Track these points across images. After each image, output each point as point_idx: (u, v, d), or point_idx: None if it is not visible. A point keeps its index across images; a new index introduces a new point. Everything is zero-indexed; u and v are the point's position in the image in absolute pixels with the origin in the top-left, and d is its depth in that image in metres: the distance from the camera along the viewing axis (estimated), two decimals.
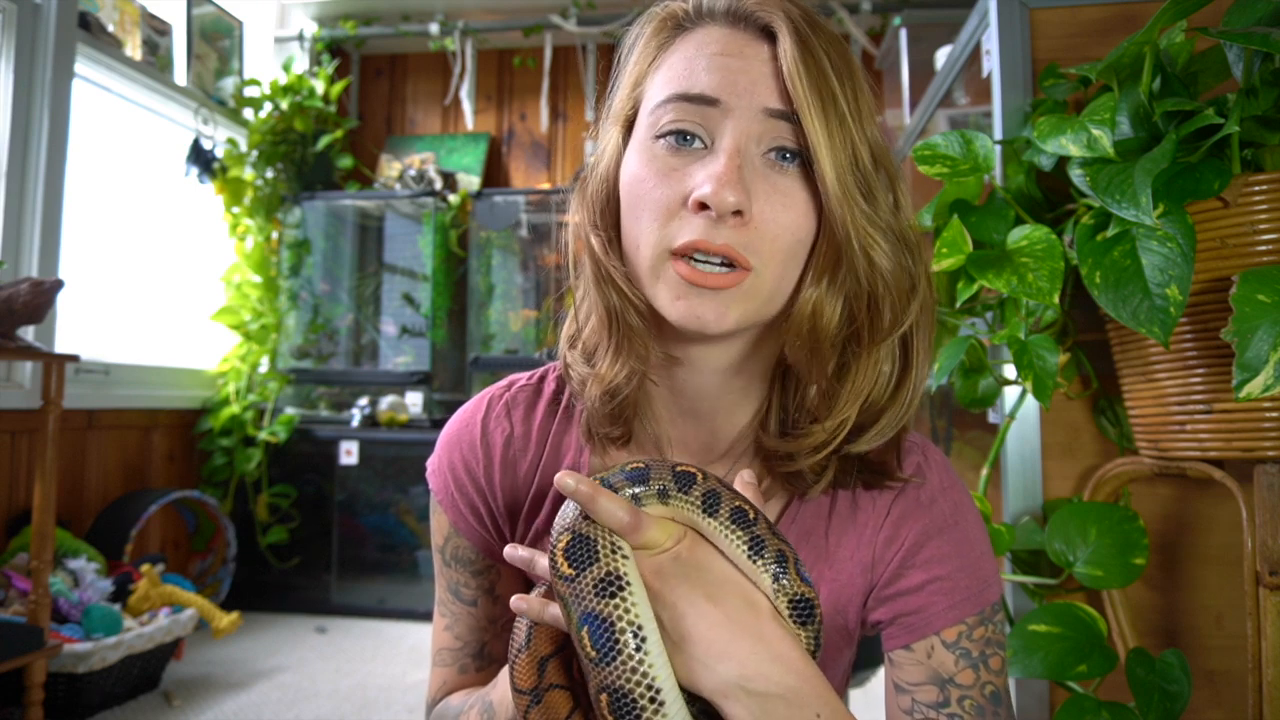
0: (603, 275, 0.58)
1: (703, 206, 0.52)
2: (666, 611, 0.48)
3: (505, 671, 0.57)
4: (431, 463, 0.70)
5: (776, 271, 0.54)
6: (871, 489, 0.63)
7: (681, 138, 0.55)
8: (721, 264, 0.53)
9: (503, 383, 0.71)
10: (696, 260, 0.53)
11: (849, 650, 0.66)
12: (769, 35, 0.55)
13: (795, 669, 0.48)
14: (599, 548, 0.48)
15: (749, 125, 0.53)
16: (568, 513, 0.50)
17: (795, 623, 0.50)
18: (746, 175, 0.53)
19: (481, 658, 0.70)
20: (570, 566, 0.47)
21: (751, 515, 0.50)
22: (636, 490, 0.50)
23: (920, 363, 0.60)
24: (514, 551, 0.55)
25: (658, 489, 0.51)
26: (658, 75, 0.57)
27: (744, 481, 0.55)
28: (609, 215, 0.59)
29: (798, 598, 0.50)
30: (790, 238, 0.54)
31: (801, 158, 0.54)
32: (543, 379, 0.70)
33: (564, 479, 0.48)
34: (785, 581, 0.50)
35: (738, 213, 0.52)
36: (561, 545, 0.48)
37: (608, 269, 0.58)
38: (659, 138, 0.55)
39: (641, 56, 0.59)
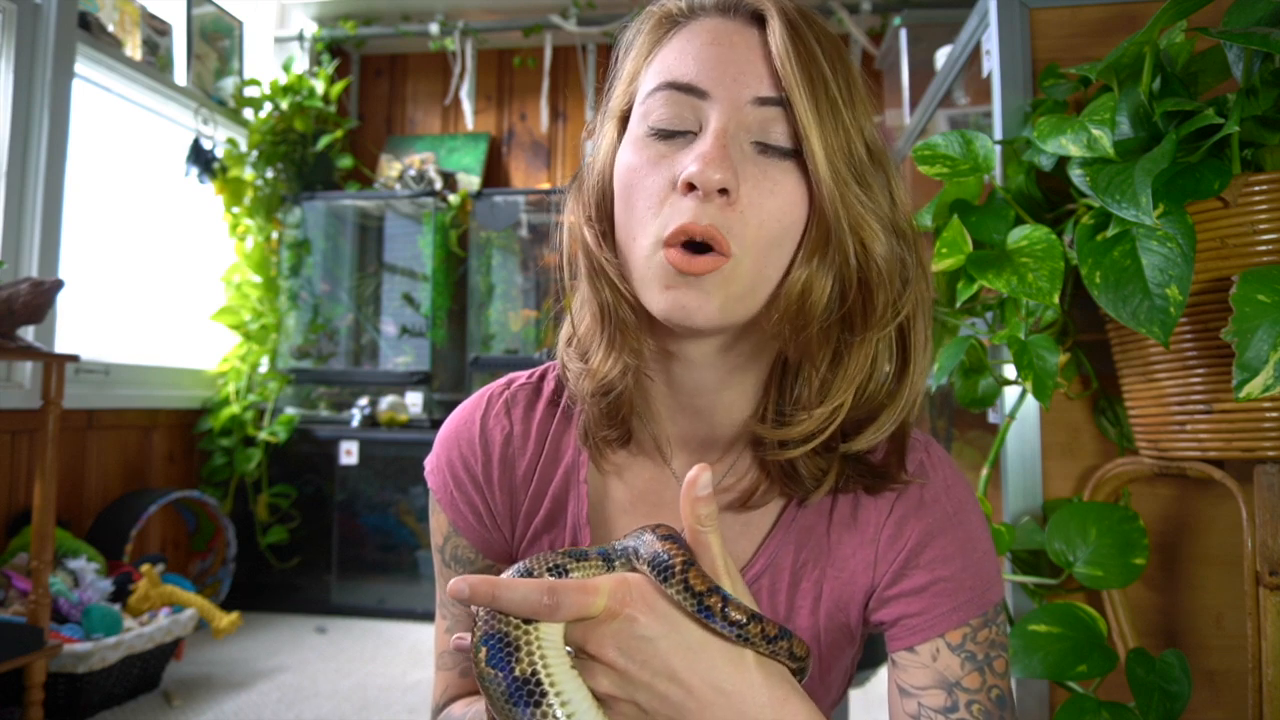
0: (595, 269, 0.58)
1: (690, 187, 0.52)
2: (644, 694, 0.44)
3: None
4: (430, 461, 0.70)
5: (758, 260, 0.53)
6: (873, 494, 0.62)
7: (670, 126, 0.55)
8: (705, 248, 0.52)
9: (501, 381, 0.70)
10: (686, 248, 0.52)
11: (851, 649, 0.66)
12: (759, 21, 0.55)
13: None
14: None
15: (736, 112, 0.53)
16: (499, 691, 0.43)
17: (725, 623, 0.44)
18: (734, 157, 0.52)
19: None
20: None
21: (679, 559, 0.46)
22: (563, 562, 0.48)
23: (919, 359, 0.59)
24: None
25: (597, 551, 0.49)
26: (650, 69, 0.57)
27: (696, 480, 0.47)
28: (604, 210, 0.59)
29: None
30: (776, 225, 0.53)
31: (791, 145, 0.54)
32: (542, 377, 0.70)
33: (457, 586, 0.43)
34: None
35: (724, 192, 0.51)
36: None
37: (600, 263, 0.57)
38: (649, 127, 0.55)
39: (638, 53, 0.59)
